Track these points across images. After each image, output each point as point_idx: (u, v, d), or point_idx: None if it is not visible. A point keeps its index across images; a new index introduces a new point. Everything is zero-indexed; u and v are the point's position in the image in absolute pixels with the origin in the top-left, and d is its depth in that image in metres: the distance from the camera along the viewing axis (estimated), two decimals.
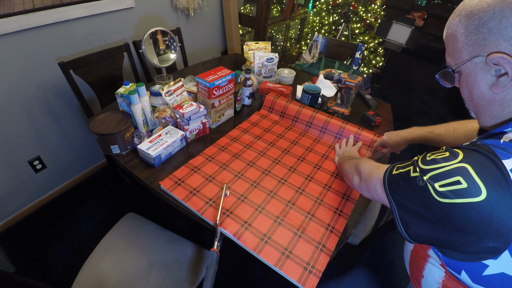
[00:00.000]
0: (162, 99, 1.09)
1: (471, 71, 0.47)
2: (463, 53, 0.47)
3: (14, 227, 1.51)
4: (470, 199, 0.37)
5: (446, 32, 0.51)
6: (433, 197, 0.41)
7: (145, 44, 1.23)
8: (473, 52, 0.45)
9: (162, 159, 0.94)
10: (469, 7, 0.45)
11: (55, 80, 1.40)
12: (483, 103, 0.47)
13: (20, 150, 1.41)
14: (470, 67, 0.46)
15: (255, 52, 1.46)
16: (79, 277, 0.90)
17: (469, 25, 0.45)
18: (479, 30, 0.43)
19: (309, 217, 0.80)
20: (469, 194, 0.37)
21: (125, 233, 1.02)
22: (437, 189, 0.40)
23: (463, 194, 0.37)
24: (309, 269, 0.67)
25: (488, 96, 0.45)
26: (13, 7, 1.15)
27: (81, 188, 1.75)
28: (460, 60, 0.48)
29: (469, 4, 0.45)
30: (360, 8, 2.54)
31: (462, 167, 0.39)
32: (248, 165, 0.95)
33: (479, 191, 0.36)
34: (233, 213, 0.79)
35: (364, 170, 0.67)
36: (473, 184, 0.37)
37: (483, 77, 0.45)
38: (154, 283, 0.89)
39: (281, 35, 3.00)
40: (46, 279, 1.30)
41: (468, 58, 0.46)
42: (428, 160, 0.44)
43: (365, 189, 0.64)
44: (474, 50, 0.45)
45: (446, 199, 0.39)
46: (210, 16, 2.21)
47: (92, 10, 1.42)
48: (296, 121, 1.16)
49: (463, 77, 0.49)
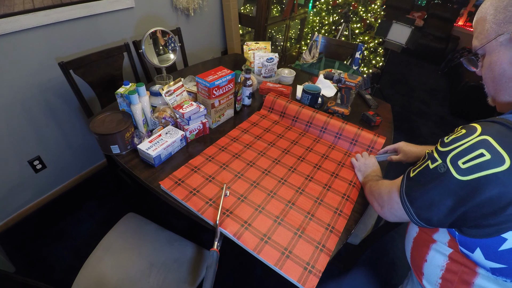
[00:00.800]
0: (162, 99, 1.09)
1: (495, 49, 0.49)
2: (490, 33, 0.49)
3: (14, 227, 1.51)
4: (495, 169, 0.37)
5: (476, 17, 0.54)
6: (456, 179, 0.41)
7: (145, 44, 1.23)
8: (499, 30, 0.48)
9: (162, 159, 0.94)
10: None
11: (55, 80, 1.40)
12: (504, 80, 0.49)
13: (20, 150, 1.41)
14: (495, 45, 0.49)
15: (255, 52, 1.46)
16: (79, 277, 0.90)
17: (499, 6, 0.48)
18: (507, 9, 0.46)
19: (309, 217, 0.80)
20: (494, 164, 0.37)
21: (125, 233, 1.02)
22: (461, 168, 0.41)
23: (487, 165, 0.38)
24: (309, 269, 0.67)
25: (509, 73, 0.48)
26: (13, 7, 1.15)
27: (81, 188, 1.75)
28: (486, 40, 0.50)
29: None
30: (360, 8, 2.54)
31: (484, 139, 0.39)
32: (248, 165, 0.95)
33: (502, 160, 0.37)
34: (233, 213, 0.79)
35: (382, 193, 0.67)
36: (496, 154, 0.37)
37: (506, 54, 0.48)
38: (154, 283, 0.89)
39: (281, 35, 3.00)
40: (46, 279, 1.30)
41: (494, 37, 0.49)
42: (447, 142, 0.45)
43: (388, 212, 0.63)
44: (500, 29, 0.48)
45: (471, 175, 0.39)
46: (210, 16, 2.21)
47: (92, 10, 1.42)
48: (296, 121, 1.16)
49: (486, 58, 0.51)
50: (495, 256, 0.42)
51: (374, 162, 0.94)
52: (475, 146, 0.40)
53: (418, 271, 0.63)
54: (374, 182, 0.79)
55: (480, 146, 0.39)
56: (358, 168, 0.94)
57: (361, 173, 0.92)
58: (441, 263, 0.54)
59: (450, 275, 0.53)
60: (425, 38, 4.15)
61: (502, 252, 0.41)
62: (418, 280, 0.63)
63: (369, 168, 0.91)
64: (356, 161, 0.97)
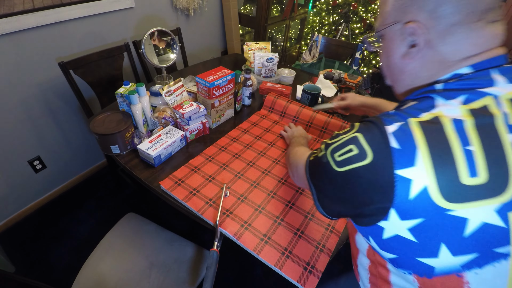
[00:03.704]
0: (162, 99, 1.09)
1: (390, 37, 0.48)
2: (389, 17, 0.47)
3: (14, 227, 1.51)
4: (360, 163, 0.40)
5: None
6: (333, 169, 0.44)
7: (145, 44, 1.23)
8: (395, 17, 0.46)
9: (162, 159, 0.94)
10: None
11: (55, 80, 1.40)
12: (396, 71, 0.50)
13: (20, 150, 1.41)
14: (390, 33, 0.48)
15: (255, 52, 1.46)
16: (79, 277, 0.90)
17: None
18: None
19: (309, 217, 0.80)
20: (359, 159, 0.40)
21: (125, 233, 1.02)
22: (337, 160, 0.43)
23: (355, 159, 0.41)
24: (309, 269, 0.67)
25: (400, 66, 0.48)
26: (13, 7, 1.15)
27: (81, 188, 1.75)
28: (382, 23, 0.49)
29: None
30: (360, 8, 2.55)
31: (355, 136, 0.42)
32: (248, 165, 0.95)
33: (366, 155, 0.39)
34: (233, 213, 0.79)
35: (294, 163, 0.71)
36: (362, 149, 0.40)
37: (398, 45, 0.47)
38: (154, 283, 0.89)
39: (281, 35, 3.00)
40: (46, 279, 1.30)
41: (391, 22, 0.47)
42: (333, 136, 0.48)
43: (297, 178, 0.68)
44: (396, 16, 0.46)
45: (344, 167, 0.42)
46: (210, 16, 2.21)
47: (92, 10, 1.42)
48: (296, 121, 1.16)
49: (384, 43, 0.50)
50: (384, 244, 0.43)
51: (301, 129, 1.03)
52: (347, 142, 0.43)
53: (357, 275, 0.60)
54: (292, 149, 0.82)
55: (351, 142, 0.42)
56: (287, 137, 1.03)
57: (289, 140, 1.00)
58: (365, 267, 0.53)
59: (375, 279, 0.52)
60: None
61: (386, 241, 0.42)
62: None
63: (295, 133, 1.00)
64: (285, 132, 1.05)
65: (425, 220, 0.37)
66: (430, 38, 0.42)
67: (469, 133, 0.36)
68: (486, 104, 0.38)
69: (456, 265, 0.38)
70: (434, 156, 0.36)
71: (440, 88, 0.42)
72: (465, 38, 0.41)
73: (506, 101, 0.38)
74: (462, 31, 0.40)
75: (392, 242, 0.41)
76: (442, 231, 0.37)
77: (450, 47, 0.42)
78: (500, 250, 0.37)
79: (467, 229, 0.36)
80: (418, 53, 0.44)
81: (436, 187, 0.36)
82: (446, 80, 0.43)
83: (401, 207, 0.38)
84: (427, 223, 0.37)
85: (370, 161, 0.39)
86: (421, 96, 0.44)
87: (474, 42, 0.41)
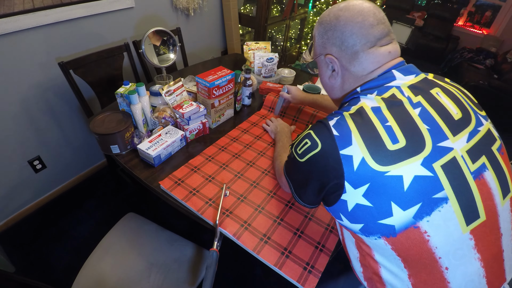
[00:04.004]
0: (162, 99, 1.09)
1: (320, 65, 0.65)
2: (317, 49, 0.63)
3: (14, 227, 1.51)
4: (314, 151, 0.52)
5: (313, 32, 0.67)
6: (298, 161, 0.56)
7: (145, 44, 1.23)
8: (320, 51, 0.62)
9: (162, 159, 0.94)
10: (322, 17, 0.61)
11: (55, 80, 1.40)
12: (328, 88, 0.66)
13: (20, 150, 1.41)
14: (319, 62, 0.64)
15: (255, 52, 1.46)
16: (79, 277, 0.90)
17: (320, 31, 0.61)
18: (323, 36, 0.60)
19: (308, 217, 0.80)
20: (313, 148, 0.52)
21: (125, 233, 1.02)
22: (298, 153, 0.56)
23: (309, 149, 0.53)
24: (309, 269, 0.67)
25: (329, 84, 0.64)
26: (13, 7, 1.15)
27: (81, 188, 1.75)
28: (315, 54, 0.65)
29: (323, 15, 0.61)
30: None
31: (308, 132, 0.55)
32: (248, 165, 0.95)
33: (317, 144, 0.52)
34: (233, 213, 0.79)
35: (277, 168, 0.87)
36: (313, 141, 0.52)
37: (325, 71, 0.63)
38: (154, 283, 0.89)
39: (281, 35, 3.00)
40: (46, 279, 1.30)
41: (318, 54, 0.63)
42: (298, 135, 0.60)
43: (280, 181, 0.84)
44: (320, 50, 0.62)
45: (304, 157, 0.54)
46: (210, 16, 2.21)
47: (92, 10, 1.42)
48: (296, 120, 1.16)
49: (318, 68, 0.67)
50: (351, 216, 0.51)
51: (282, 122, 1.10)
52: (303, 137, 0.55)
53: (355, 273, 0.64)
54: (277, 154, 0.93)
55: (306, 137, 0.54)
56: (271, 131, 1.09)
57: (273, 134, 1.07)
58: (356, 254, 0.59)
59: (365, 269, 0.58)
60: (425, 38, 4.14)
61: (352, 213, 0.51)
62: None
63: (279, 127, 1.06)
64: (268, 126, 1.12)
65: (371, 184, 0.47)
66: (343, 64, 0.59)
67: (385, 114, 0.50)
68: (393, 93, 0.53)
69: (409, 217, 0.46)
70: (363, 135, 0.48)
71: (360, 90, 0.57)
72: (366, 59, 0.56)
73: (406, 88, 0.53)
74: (363, 55, 0.56)
75: (356, 212, 0.50)
76: (386, 190, 0.46)
77: (358, 67, 0.57)
78: (438, 196, 0.46)
79: (404, 184, 0.46)
80: (338, 75, 0.61)
81: (370, 157, 0.47)
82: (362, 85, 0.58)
83: (351, 178, 0.48)
84: (373, 186, 0.47)
85: (321, 148, 0.51)
86: (350, 99, 0.58)
87: (373, 60, 0.56)
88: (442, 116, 0.50)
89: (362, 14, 0.55)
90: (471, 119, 0.52)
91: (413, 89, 0.53)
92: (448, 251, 0.47)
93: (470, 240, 0.47)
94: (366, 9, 0.56)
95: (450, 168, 0.47)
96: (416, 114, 0.50)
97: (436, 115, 0.50)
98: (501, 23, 3.94)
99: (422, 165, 0.46)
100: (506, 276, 0.52)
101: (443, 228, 0.46)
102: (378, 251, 0.52)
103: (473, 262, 0.48)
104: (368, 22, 0.55)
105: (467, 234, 0.47)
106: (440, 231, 0.46)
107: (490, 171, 0.50)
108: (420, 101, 0.51)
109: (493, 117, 0.61)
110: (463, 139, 0.49)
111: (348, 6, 0.57)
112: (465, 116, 0.52)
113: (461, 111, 0.52)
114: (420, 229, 0.46)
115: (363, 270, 0.59)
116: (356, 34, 0.55)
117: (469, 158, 0.49)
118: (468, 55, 3.68)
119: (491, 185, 0.49)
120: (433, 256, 0.47)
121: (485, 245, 0.48)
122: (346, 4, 0.58)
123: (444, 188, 0.46)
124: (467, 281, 0.48)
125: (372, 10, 0.56)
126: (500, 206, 0.50)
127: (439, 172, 0.46)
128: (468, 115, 0.53)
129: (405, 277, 0.50)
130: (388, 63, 0.57)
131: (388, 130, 0.48)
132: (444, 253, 0.47)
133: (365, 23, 0.55)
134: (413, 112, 0.50)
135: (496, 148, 0.53)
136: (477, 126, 0.52)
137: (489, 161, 0.50)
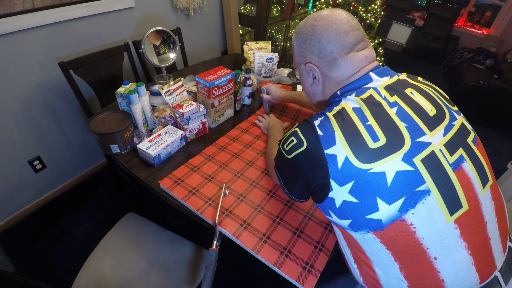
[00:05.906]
0: (162, 99, 1.09)
1: (301, 73, 0.68)
2: (297, 59, 0.67)
3: (14, 227, 1.51)
4: (300, 149, 0.54)
5: (291, 43, 0.70)
6: (285, 156, 0.58)
7: (145, 44, 1.23)
8: (300, 60, 0.65)
9: (161, 158, 0.94)
10: (299, 27, 0.64)
11: (55, 80, 1.40)
12: (311, 94, 0.69)
13: (20, 150, 1.41)
14: (300, 70, 0.67)
15: (255, 52, 1.46)
16: (79, 277, 0.90)
17: (298, 41, 0.64)
18: (301, 46, 0.63)
19: (308, 216, 0.80)
20: (299, 146, 0.54)
21: (125, 233, 1.02)
22: (285, 149, 0.58)
23: (295, 147, 0.55)
24: (308, 269, 0.67)
25: (311, 91, 0.67)
26: (13, 7, 1.15)
27: (81, 188, 1.75)
28: (295, 64, 0.69)
29: (300, 25, 0.64)
30: (360, 8, 2.54)
31: (295, 130, 0.57)
32: (247, 164, 0.95)
33: (303, 143, 0.54)
34: (232, 212, 0.79)
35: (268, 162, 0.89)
36: (299, 139, 0.54)
37: (306, 78, 0.66)
38: (154, 283, 0.89)
39: (281, 35, 3.00)
40: (46, 279, 1.30)
41: (298, 64, 0.66)
42: (285, 133, 0.62)
43: (271, 174, 0.85)
44: (300, 59, 0.65)
45: (291, 154, 0.56)
46: (210, 16, 2.21)
47: (92, 10, 1.42)
48: (296, 120, 1.16)
49: (300, 76, 0.70)
50: (340, 213, 0.53)
51: (274, 118, 1.12)
52: (290, 135, 0.57)
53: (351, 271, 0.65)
54: (269, 149, 0.93)
55: (292, 135, 0.56)
56: (263, 127, 1.12)
57: (266, 130, 1.09)
58: (349, 252, 0.60)
59: (359, 266, 0.59)
60: (425, 38, 4.14)
61: (340, 210, 0.52)
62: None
63: (271, 123, 1.08)
64: (261, 122, 1.14)
65: (356, 181, 0.49)
66: (323, 71, 0.61)
67: (365, 113, 0.52)
68: (371, 94, 0.56)
69: (395, 211, 0.48)
70: (346, 134, 0.51)
71: (339, 93, 0.61)
72: (344, 65, 0.59)
73: (382, 89, 0.56)
74: (341, 61, 0.59)
75: (343, 209, 0.52)
76: (371, 186, 0.48)
77: (337, 72, 0.60)
78: (420, 188, 0.47)
79: (387, 179, 0.48)
80: (319, 82, 0.64)
81: (353, 155, 0.49)
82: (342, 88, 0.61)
83: (336, 176, 0.50)
84: (358, 183, 0.48)
85: (306, 147, 0.53)
86: (333, 101, 0.61)
87: (352, 65, 0.59)
88: (418, 113, 0.53)
89: (336, 22, 0.58)
90: (445, 114, 0.55)
91: (389, 90, 0.56)
92: (435, 241, 0.48)
93: (455, 229, 0.49)
94: (339, 17, 0.59)
95: (430, 162, 0.49)
96: (393, 113, 0.52)
97: (412, 113, 0.53)
98: (501, 23, 3.95)
99: (403, 160, 0.48)
100: (496, 263, 0.53)
101: (428, 219, 0.48)
102: (367, 246, 0.53)
103: (460, 251, 0.49)
104: (343, 29, 0.58)
105: (451, 223, 0.48)
106: (425, 222, 0.48)
107: (468, 162, 0.52)
108: (396, 101, 0.54)
109: (493, 117, 0.62)
110: (439, 133, 0.52)
111: (322, 15, 0.60)
112: (439, 112, 0.55)
113: (435, 108, 0.55)
114: (406, 222, 0.48)
115: (357, 267, 0.60)
116: (333, 42, 0.58)
117: (447, 151, 0.51)
118: (468, 55, 3.68)
119: (470, 175, 0.51)
120: (421, 247, 0.48)
121: (470, 233, 0.50)
122: (320, 13, 0.61)
123: (425, 181, 0.48)
124: (456, 269, 0.49)
125: (346, 18, 0.59)
126: (481, 195, 0.52)
127: (419, 166, 0.48)
128: (442, 111, 0.55)
129: (397, 270, 0.51)
130: (366, 67, 0.60)
131: (369, 129, 0.50)
132: (431, 244, 0.48)
133: (340, 30, 0.58)
134: (391, 111, 0.53)
135: (471, 140, 0.55)
136: (452, 121, 0.55)
137: (466, 152, 0.53)
